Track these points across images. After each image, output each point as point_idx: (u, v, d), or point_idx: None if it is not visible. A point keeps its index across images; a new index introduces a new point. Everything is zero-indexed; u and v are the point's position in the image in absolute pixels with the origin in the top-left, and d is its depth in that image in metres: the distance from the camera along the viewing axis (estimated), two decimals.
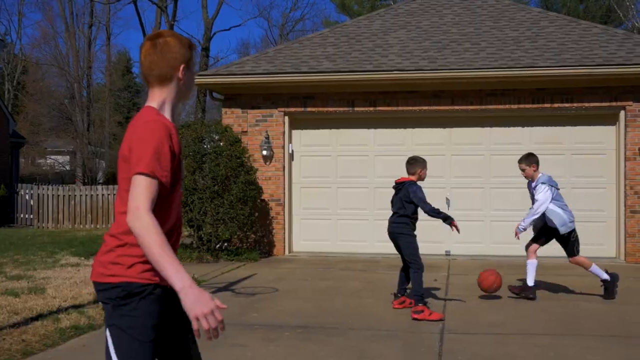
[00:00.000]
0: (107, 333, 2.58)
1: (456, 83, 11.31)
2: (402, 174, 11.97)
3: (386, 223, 11.90)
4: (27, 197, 20.33)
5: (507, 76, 11.03)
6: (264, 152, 11.96)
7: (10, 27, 63.77)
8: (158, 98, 2.73)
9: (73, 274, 8.95)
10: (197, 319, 2.32)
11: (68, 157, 46.67)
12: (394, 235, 7.47)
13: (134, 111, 56.34)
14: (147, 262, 2.51)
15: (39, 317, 6.44)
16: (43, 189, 19.76)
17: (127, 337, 2.55)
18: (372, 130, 12.03)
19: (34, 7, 72.39)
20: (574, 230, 7.85)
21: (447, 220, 7.20)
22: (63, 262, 10.30)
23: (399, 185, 7.54)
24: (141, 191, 2.45)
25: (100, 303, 2.93)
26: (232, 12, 74.42)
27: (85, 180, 37.62)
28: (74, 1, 40.45)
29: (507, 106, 11.36)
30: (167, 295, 2.61)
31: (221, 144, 11.43)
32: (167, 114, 2.73)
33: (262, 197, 11.99)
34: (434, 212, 7.23)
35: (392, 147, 11.95)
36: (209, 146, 11.37)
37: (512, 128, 11.66)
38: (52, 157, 45.73)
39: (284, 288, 8.57)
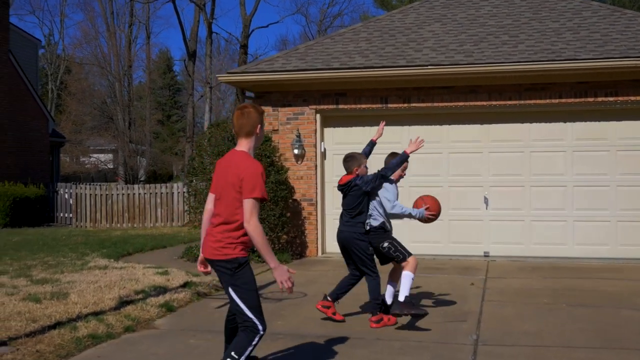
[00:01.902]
0: (231, 291, 4.33)
1: (493, 77, 10.86)
2: (438, 172, 11.66)
3: (421, 223, 11.63)
4: (66, 196, 20.48)
5: (547, 69, 10.54)
6: (296, 151, 11.69)
7: (53, 28, 64.84)
8: (246, 146, 4.43)
9: (99, 278, 8.81)
10: (281, 283, 4.24)
11: (111, 155, 47.23)
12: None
13: (175, 109, 56.87)
14: (242, 245, 4.30)
15: (57, 325, 6.27)
16: (81, 188, 19.85)
17: (244, 289, 4.31)
18: (406, 128, 11.65)
19: (75, 8, 73.63)
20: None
21: None
22: (92, 264, 10.19)
23: (344, 187, 6.96)
24: (253, 209, 4.20)
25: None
26: (270, 9, 74.45)
27: (127, 178, 37.95)
28: (115, 1, 40.77)
29: (547, 101, 10.87)
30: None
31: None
32: (251, 154, 4.43)
33: (294, 197, 11.73)
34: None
35: (427, 145, 11.43)
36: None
37: (552, 124, 11.16)
38: (95, 155, 46.31)
39: (313, 292, 8.30)
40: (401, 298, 6.43)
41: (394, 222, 7.39)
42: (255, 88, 12.03)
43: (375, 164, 11.63)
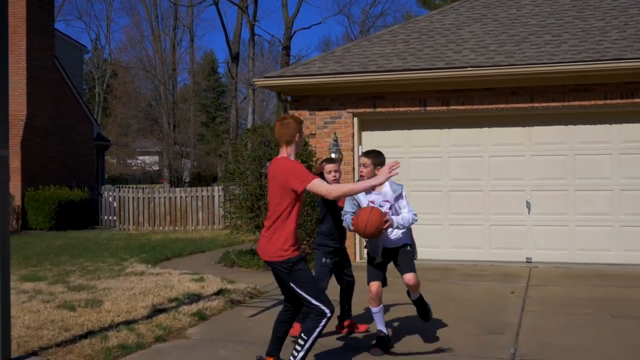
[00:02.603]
0: (293, 285, 4.81)
1: (535, 78, 10.55)
2: (479, 176, 11.38)
3: (461, 228, 11.41)
4: (110, 199, 20.78)
5: (591, 70, 10.19)
6: (333, 155, 11.54)
7: (100, 33, 66.20)
8: (286, 152, 4.93)
9: (135, 284, 8.82)
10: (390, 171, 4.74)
11: (156, 157, 47.88)
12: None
13: (220, 111, 57.35)
14: (296, 245, 4.82)
15: (89, 334, 6.27)
16: (124, 191, 20.09)
17: (304, 282, 4.79)
18: (445, 131, 11.42)
19: (121, 13, 74.92)
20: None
21: None
22: (129, 270, 10.24)
23: None
24: (320, 185, 4.71)
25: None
26: (313, 10, 74.58)
27: (172, 180, 38.38)
28: (160, 5, 41.26)
29: (592, 102, 10.51)
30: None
31: None
32: (292, 159, 4.91)
33: None
34: None
35: (467, 148, 11.32)
36: (274, 150, 11.06)
37: (598, 126, 10.79)
38: (141, 157, 46.98)
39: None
40: None
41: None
42: (292, 92, 11.95)
43: (449, 165, 11.44)
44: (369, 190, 5.63)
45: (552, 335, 6.42)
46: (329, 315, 4.76)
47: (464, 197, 11.36)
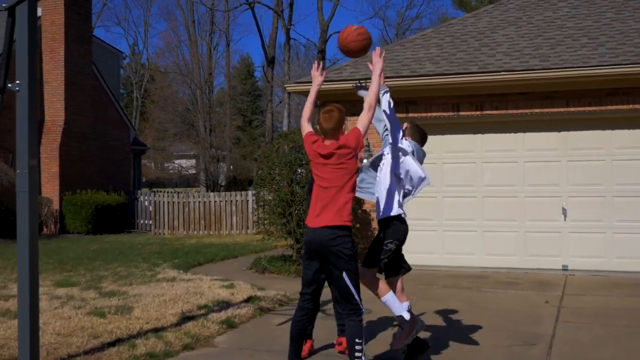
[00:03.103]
0: (345, 276, 4.78)
1: (571, 82, 10.32)
2: (513, 181, 11.18)
3: (495, 234, 11.22)
4: (146, 203, 20.99)
5: (630, 73, 9.94)
6: (365, 161, 11.45)
7: (138, 38, 66.98)
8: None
9: (166, 291, 8.86)
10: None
11: (193, 160, 48.27)
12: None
13: (256, 114, 57.64)
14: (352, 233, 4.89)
15: (117, 342, 6.29)
16: (160, 195, 20.29)
17: (355, 274, 4.84)
18: (479, 136, 11.25)
19: (159, 18, 75.78)
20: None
21: None
22: (161, 276, 10.30)
23: None
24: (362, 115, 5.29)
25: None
26: (348, 13, 74.42)
27: (208, 184, 38.63)
28: (196, 10, 41.63)
29: (630, 106, 10.25)
30: None
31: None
32: None
33: (363, 208, 11.52)
34: None
35: (501, 154, 11.13)
36: (305, 155, 11.02)
37: (637, 130, 10.50)
38: (177, 161, 47.41)
39: (378, 309, 8.03)
40: None
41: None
42: (324, 97, 11.88)
43: (483, 171, 11.29)
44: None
45: (587, 348, 6.25)
46: (363, 311, 4.88)
47: (499, 203, 11.17)
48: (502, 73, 10.47)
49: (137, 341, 6.29)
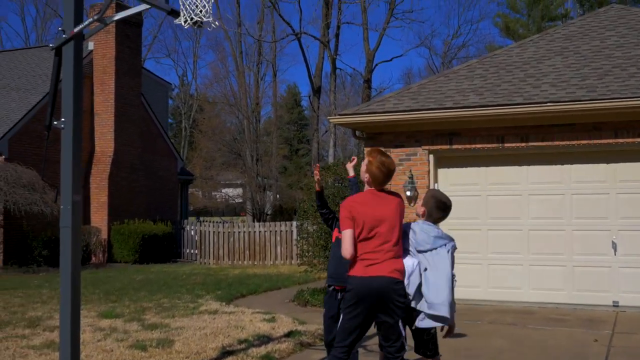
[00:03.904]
0: (401, 324, 4.61)
1: (620, 113, 10.08)
2: (560, 214, 10.94)
3: (542, 269, 10.96)
4: (192, 232, 21.21)
5: None
6: (408, 193, 11.38)
7: (187, 69, 68.17)
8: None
9: (207, 324, 8.88)
10: None
11: (240, 189, 48.70)
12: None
13: (302, 143, 58.05)
14: None
15: None
16: (205, 225, 20.48)
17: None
18: (524, 168, 11.06)
19: (207, 49, 77.17)
20: None
21: None
22: (203, 308, 10.33)
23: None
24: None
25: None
26: (394, 42, 74.71)
27: (254, 212, 38.86)
28: (244, 41, 42.28)
29: None
30: None
31: (361, 184, 11.00)
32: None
33: None
34: None
35: (547, 186, 10.91)
36: (348, 188, 10.99)
37: None
38: (225, 190, 47.88)
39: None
40: None
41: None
42: (367, 129, 11.89)
43: (529, 203, 11.10)
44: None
45: None
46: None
47: (545, 237, 10.93)
48: (548, 104, 10.31)
49: None
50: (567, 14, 41.83)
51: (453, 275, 4.86)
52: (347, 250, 4.61)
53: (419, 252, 4.78)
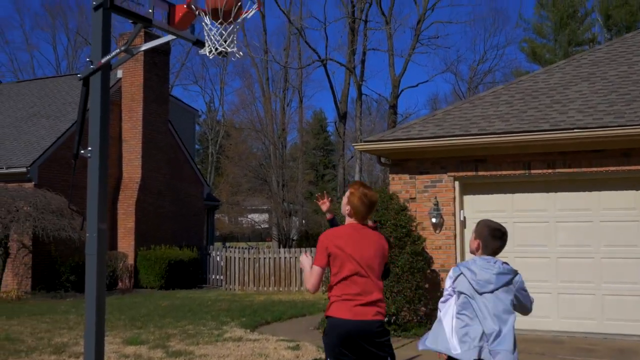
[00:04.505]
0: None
1: None
2: (589, 242, 10.78)
3: (571, 297, 10.78)
4: (217, 258, 21.26)
5: None
6: (433, 220, 11.31)
7: (214, 95, 68.89)
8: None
9: (231, 351, 8.85)
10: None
11: (266, 215, 48.79)
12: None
13: (328, 169, 58.17)
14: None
15: None
16: (231, 251, 20.52)
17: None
18: (551, 195, 10.94)
19: (234, 76, 78.00)
20: None
21: None
22: (228, 335, 10.31)
23: None
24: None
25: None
26: (419, 68, 74.73)
27: (280, 238, 38.88)
28: (271, 68, 42.65)
29: None
30: None
31: (386, 212, 10.97)
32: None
33: (432, 268, 11.30)
34: None
35: (575, 213, 10.77)
36: (373, 215, 10.94)
37: None
38: (250, 215, 48.01)
39: None
40: None
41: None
42: (392, 155, 11.87)
43: (556, 231, 10.97)
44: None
45: None
46: None
47: (574, 265, 10.77)
48: (575, 131, 10.22)
49: None
50: (594, 38, 41.62)
51: (527, 305, 4.52)
52: (313, 285, 4.45)
53: (481, 294, 4.29)
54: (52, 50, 68.40)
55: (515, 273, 4.42)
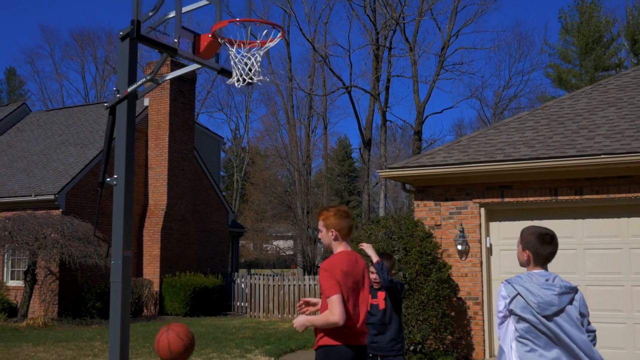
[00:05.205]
0: None
1: None
2: (619, 269, 10.58)
3: (601, 326, 10.54)
4: (242, 285, 21.23)
5: None
6: (459, 247, 11.21)
7: (239, 122, 69.30)
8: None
9: None
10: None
11: (290, 241, 48.79)
12: None
13: (353, 195, 58.12)
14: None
15: None
16: (255, 278, 20.49)
17: None
18: (579, 221, 10.79)
19: (259, 103, 78.59)
20: None
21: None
22: None
23: None
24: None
25: None
26: (444, 94, 74.69)
27: (305, 265, 38.80)
28: (295, 95, 42.95)
29: None
30: None
31: (411, 239, 10.90)
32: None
33: (458, 295, 11.18)
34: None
35: (604, 240, 10.60)
36: (398, 242, 10.88)
37: None
38: (275, 242, 48.01)
39: None
40: None
41: None
42: (417, 182, 11.83)
43: (584, 258, 10.81)
44: None
45: None
46: None
47: (603, 293, 10.57)
48: (602, 156, 10.10)
49: None
50: (620, 63, 41.33)
51: (592, 333, 4.04)
52: (341, 315, 4.25)
53: (546, 317, 3.83)
54: (81, 79, 69.66)
55: (576, 290, 4.02)
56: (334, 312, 4.26)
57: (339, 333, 4.37)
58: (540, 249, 4.02)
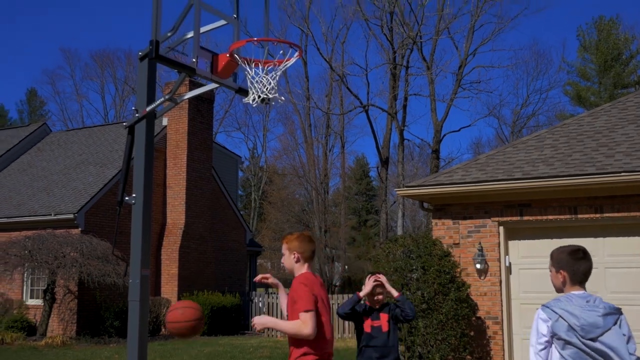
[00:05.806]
0: None
1: None
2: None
3: None
4: (260, 304, 21.18)
5: None
6: (478, 266, 11.12)
7: (257, 142, 69.56)
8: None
9: None
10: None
11: None
12: None
13: (371, 214, 58.00)
14: None
15: None
16: (273, 297, 20.45)
17: None
18: (600, 240, 10.67)
19: (277, 122, 78.91)
20: None
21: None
22: None
23: None
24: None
25: None
26: (462, 113, 74.54)
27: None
28: (313, 114, 43.08)
29: None
30: None
31: (429, 258, 10.83)
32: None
33: (478, 315, 11.06)
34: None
35: (626, 258, 10.47)
36: (416, 261, 10.82)
37: None
38: None
39: None
40: None
41: None
42: (434, 200, 11.77)
43: (606, 277, 10.66)
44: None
45: None
46: None
47: (627, 312, 10.36)
48: (623, 174, 10.01)
49: None
50: None
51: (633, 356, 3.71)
52: (313, 330, 4.29)
53: (591, 340, 3.64)
54: (101, 99, 70.38)
55: (620, 311, 3.80)
56: (308, 326, 4.28)
57: (318, 357, 4.43)
58: (576, 265, 3.85)
